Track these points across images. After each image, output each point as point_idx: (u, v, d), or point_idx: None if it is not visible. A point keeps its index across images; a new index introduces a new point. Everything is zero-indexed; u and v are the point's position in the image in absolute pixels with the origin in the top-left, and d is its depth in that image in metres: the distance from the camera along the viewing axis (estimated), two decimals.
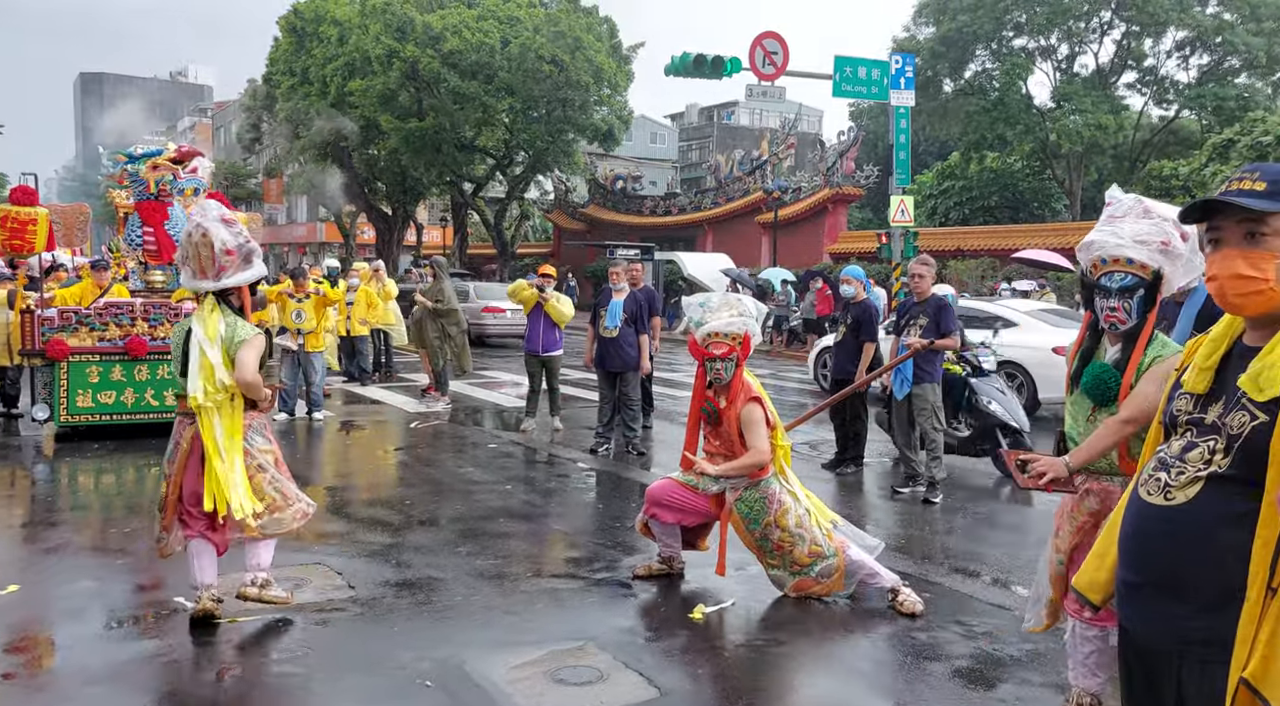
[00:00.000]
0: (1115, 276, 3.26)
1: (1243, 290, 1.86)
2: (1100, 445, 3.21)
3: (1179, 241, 3.22)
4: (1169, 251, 3.22)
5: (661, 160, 60.68)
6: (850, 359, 8.12)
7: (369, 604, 4.85)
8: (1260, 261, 1.84)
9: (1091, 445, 3.22)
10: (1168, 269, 3.22)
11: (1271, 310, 1.85)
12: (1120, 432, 3.17)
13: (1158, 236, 3.21)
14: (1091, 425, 3.35)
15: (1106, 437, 3.20)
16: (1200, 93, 29.42)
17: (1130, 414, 3.16)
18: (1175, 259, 3.21)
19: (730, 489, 5.05)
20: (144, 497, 7.20)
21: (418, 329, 12.05)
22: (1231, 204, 1.86)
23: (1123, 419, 3.17)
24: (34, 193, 9.03)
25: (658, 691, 3.88)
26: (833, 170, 29.38)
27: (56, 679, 4.00)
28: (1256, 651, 1.58)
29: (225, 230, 4.57)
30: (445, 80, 30.78)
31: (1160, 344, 3.28)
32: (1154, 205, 3.25)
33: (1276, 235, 1.83)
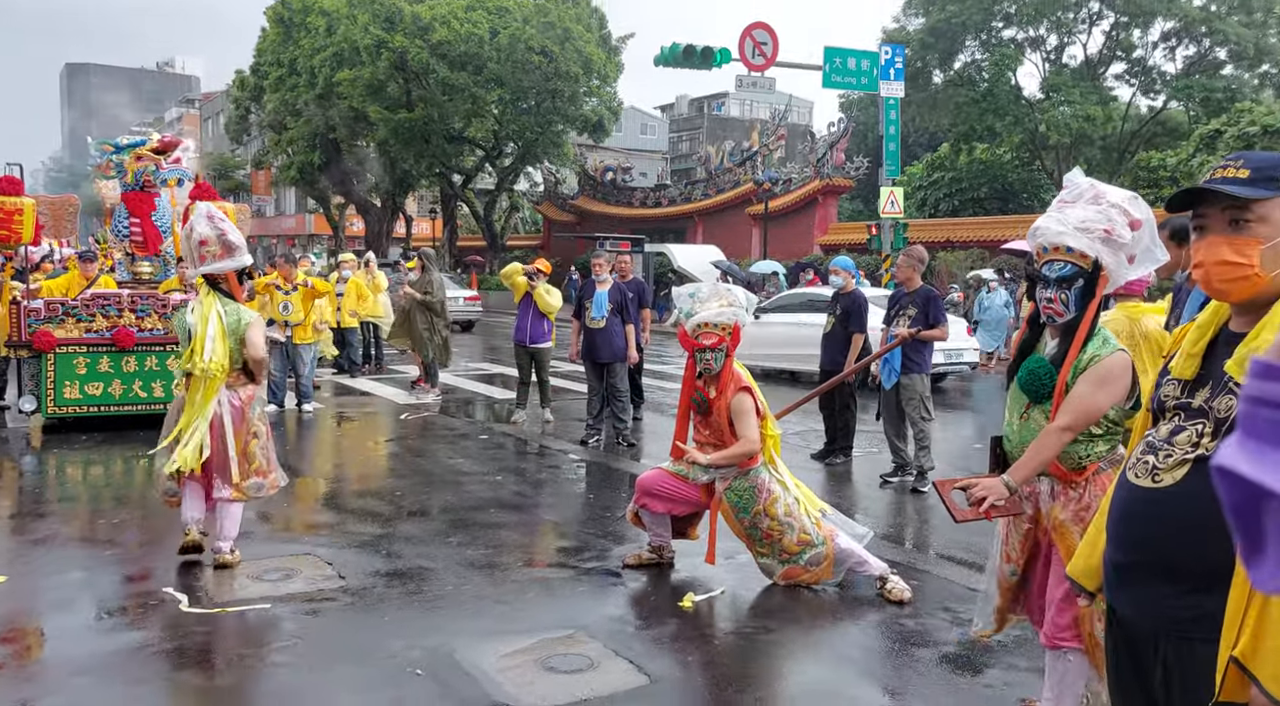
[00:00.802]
0: (1055, 265, 3.02)
1: (1228, 276, 1.88)
2: (1040, 457, 3.02)
3: (1124, 230, 2.96)
4: (1111, 240, 2.95)
5: (651, 151, 60.59)
6: (839, 349, 8.14)
7: (359, 594, 4.86)
8: (1245, 247, 1.85)
9: (1031, 458, 3.03)
10: (1108, 259, 2.97)
11: (1256, 296, 1.87)
12: (1060, 441, 2.99)
13: (1101, 223, 2.96)
14: (1025, 424, 3.14)
15: (1046, 449, 3.00)
16: (1188, 83, 29.51)
17: (1068, 420, 2.98)
18: (1117, 248, 2.97)
19: (720, 478, 5.07)
20: (133, 489, 7.19)
21: (406, 321, 11.95)
22: (1216, 191, 1.88)
23: (1060, 426, 2.99)
24: (19, 183, 8.97)
25: (647, 678, 3.89)
26: (823, 161, 29.38)
27: (45, 669, 4.00)
28: (1245, 630, 1.60)
29: (205, 224, 5.17)
30: (434, 71, 30.66)
31: (1101, 340, 3.05)
32: (1107, 190, 3.03)
33: (1260, 221, 1.85)
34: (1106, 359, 2.98)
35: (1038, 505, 3.16)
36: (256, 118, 39.68)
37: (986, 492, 3.00)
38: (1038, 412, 3.10)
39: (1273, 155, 1.88)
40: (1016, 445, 3.16)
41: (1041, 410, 3.08)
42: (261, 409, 5.36)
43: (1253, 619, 1.60)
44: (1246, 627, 1.60)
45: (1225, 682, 1.66)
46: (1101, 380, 2.97)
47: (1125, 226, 2.95)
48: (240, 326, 5.16)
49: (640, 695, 3.75)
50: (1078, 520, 3.04)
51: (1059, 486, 3.12)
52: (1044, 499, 3.15)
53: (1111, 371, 2.98)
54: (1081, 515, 3.03)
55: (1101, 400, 2.97)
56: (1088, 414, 2.97)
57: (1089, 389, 2.96)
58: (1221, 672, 1.66)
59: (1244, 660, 1.60)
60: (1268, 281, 1.85)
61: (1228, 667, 1.64)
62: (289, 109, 35.12)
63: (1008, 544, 3.32)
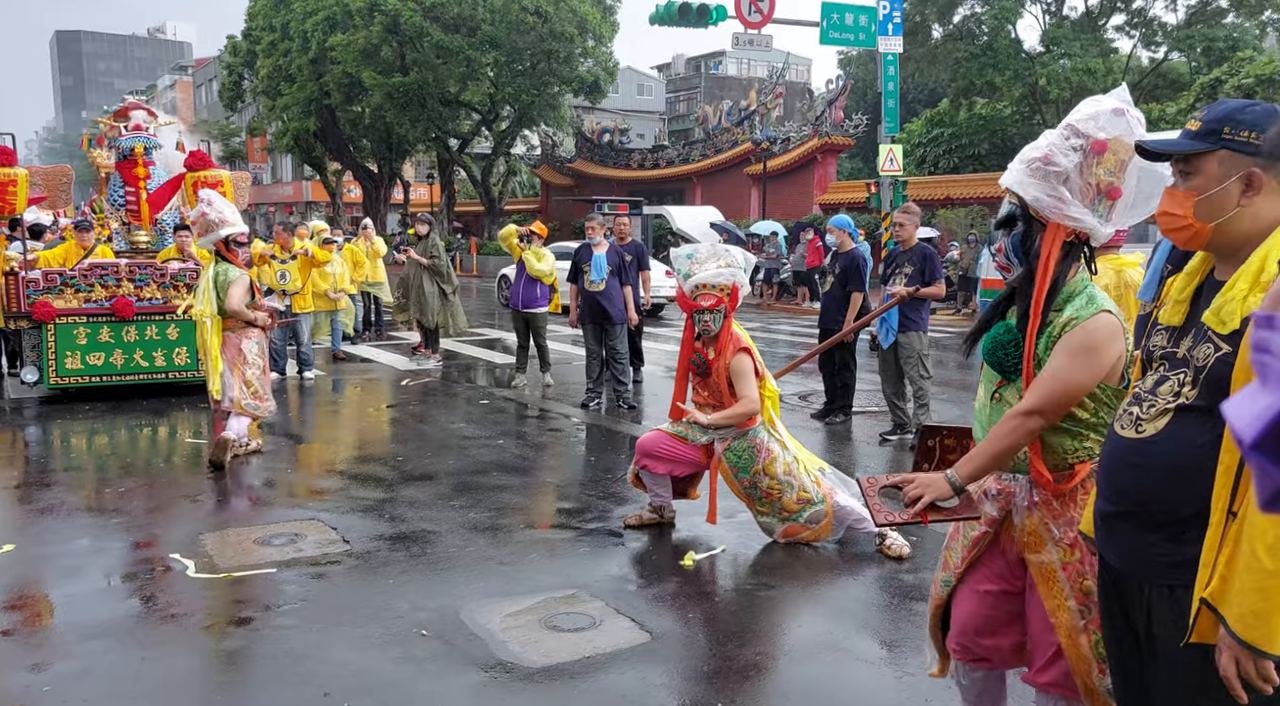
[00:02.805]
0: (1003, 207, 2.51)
1: (1169, 226, 1.96)
2: (998, 449, 2.37)
3: (1065, 156, 2.32)
4: (1044, 170, 2.32)
5: (649, 112, 60.09)
6: (838, 309, 8.15)
7: (364, 557, 4.91)
8: (1182, 199, 1.92)
9: (986, 451, 2.39)
10: (1034, 192, 2.33)
11: (1197, 245, 1.95)
12: (1023, 429, 2.34)
13: (1035, 151, 2.37)
14: (996, 406, 2.50)
15: (1006, 437, 2.36)
16: (1189, 34, 29.18)
17: (1036, 402, 2.32)
18: (1054, 180, 2.31)
19: (719, 439, 5.10)
20: (137, 457, 7.24)
21: (414, 290, 11.80)
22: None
23: (1025, 409, 2.33)
24: (12, 153, 8.93)
25: (649, 635, 3.95)
26: (821, 119, 29.17)
27: (55, 635, 4.06)
28: (1216, 573, 1.64)
29: (197, 206, 6.87)
30: (428, 34, 30.34)
31: (1085, 299, 2.37)
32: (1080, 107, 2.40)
33: (1198, 174, 1.89)
34: (1088, 322, 2.32)
35: (1008, 507, 2.54)
36: (250, 84, 39.32)
37: (923, 490, 2.40)
38: (1011, 393, 2.47)
39: (1228, 106, 1.90)
40: (985, 432, 2.52)
41: (1015, 390, 2.45)
42: (259, 347, 6.92)
43: (1223, 562, 1.64)
44: (1217, 570, 1.65)
45: (1196, 624, 1.70)
46: (1080, 350, 2.31)
47: (1068, 151, 2.31)
48: (224, 283, 6.70)
49: (642, 652, 3.81)
50: (1063, 539, 2.43)
51: (1040, 493, 2.46)
52: (1019, 503, 2.52)
53: (1094, 338, 2.31)
54: (1067, 532, 2.42)
55: (1081, 376, 2.31)
56: (1063, 394, 2.32)
57: (1064, 361, 2.32)
58: (1194, 614, 1.70)
59: (1213, 601, 1.65)
60: (1210, 230, 1.89)
61: (1199, 609, 1.68)
62: (282, 75, 34.80)
63: (948, 549, 2.73)
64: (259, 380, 6.94)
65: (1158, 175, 2.25)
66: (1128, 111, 2.33)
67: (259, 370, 6.94)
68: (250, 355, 6.90)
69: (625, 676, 3.61)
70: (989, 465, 2.41)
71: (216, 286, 6.70)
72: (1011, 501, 2.53)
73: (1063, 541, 2.43)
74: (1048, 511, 2.45)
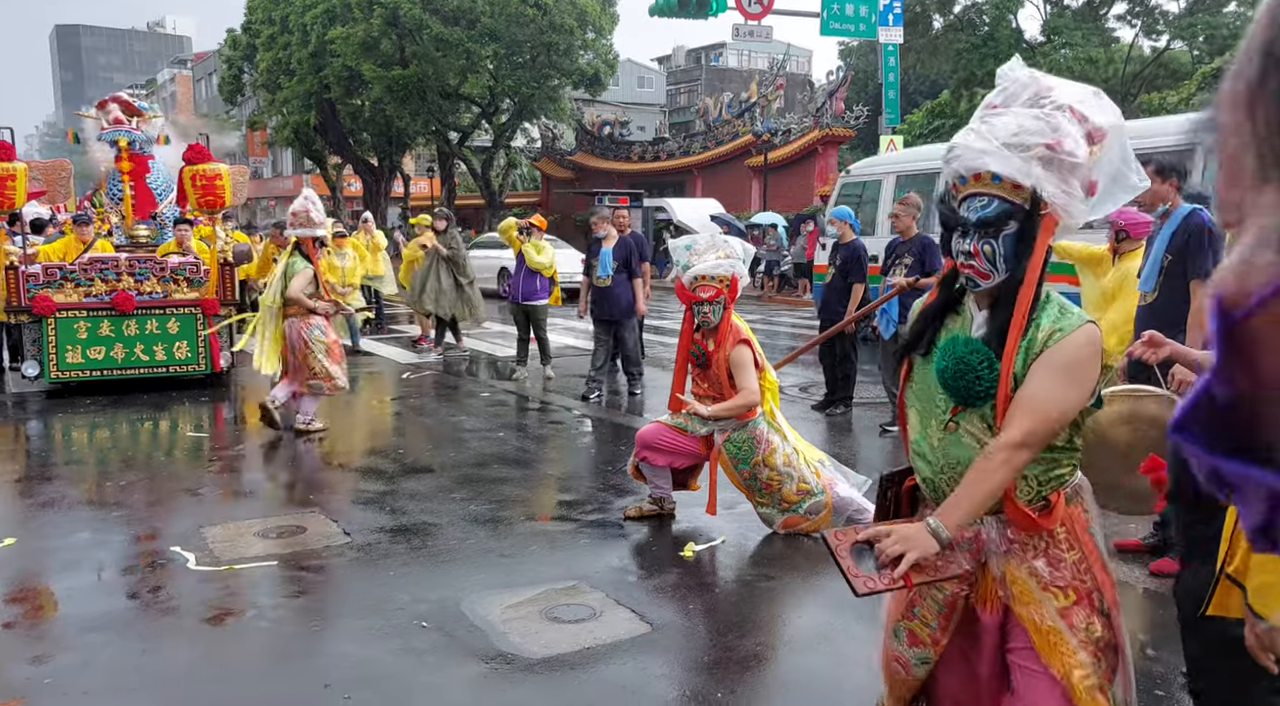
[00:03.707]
0: (975, 202, 2.05)
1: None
2: (985, 490, 2.01)
3: (1077, 143, 1.97)
4: (1056, 159, 1.97)
5: (649, 104, 59.98)
6: (839, 300, 8.14)
7: (365, 549, 4.92)
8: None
9: (971, 493, 2.02)
10: (1052, 188, 1.98)
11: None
12: (1013, 464, 1.99)
13: (1041, 136, 1.97)
14: (952, 437, 2.13)
15: (993, 477, 2.00)
16: (1191, 22, 29.10)
17: (1026, 432, 1.98)
18: (1068, 171, 1.98)
19: (719, 430, 5.10)
20: (139, 451, 7.25)
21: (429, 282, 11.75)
22: None
23: (1013, 441, 1.98)
24: (11, 148, 8.92)
25: (649, 627, 3.96)
26: (822, 111, 29.10)
27: (56, 627, 4.06)
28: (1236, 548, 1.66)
29: (300, 200, 7.56)
30: (427, 27, 30.27)
31: (1058, 309, 2.06)
32: (1055, 84, 2.04)
33: None
34: (1074, 336, 2.01)
35: (980, 556, 2.16)
36: (249, 78, 39.25)
37: (905, 546, 1.99)
38: (972, 420, 2.10)
39: None
40: (940, 470, 2.16)
41: (979, 416, 2.08)
42: (319, 333, 7.43)
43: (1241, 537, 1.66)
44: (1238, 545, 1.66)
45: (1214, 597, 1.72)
46: (1070, 367, 2.00)
47: (1080, 139, 1.98)
48: (291, 273, 7.38)
49: (643, 642, 3.82)
50: (1054, 583, 2.09)
51: (1015, 532, 2.12)
52: (992, 549, 2.14)
53: (1082, 354, 2.02)
54: (1057, 573, 2.10)
55: (1073, 397, 2.02)
56: (1054, 420, 2.01)
57: (1053, 382, 1.99)
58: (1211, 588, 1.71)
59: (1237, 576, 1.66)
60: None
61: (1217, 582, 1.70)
62: (282, 68, 34.74)
63: (913, 614, 2.29)
64: (324, 362, 7.43)
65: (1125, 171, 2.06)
66: (1102, 94, 2.08)
67: (324, 352, 7.44)
68: (313, 341, 7.39)
69: (626, 667, 3.61)
70: (977, 509, 2.04)
71: (285, 276, 7.38)
72: (984, 549, 2.15)
73: (1055, 585, 2.09)
74: (1030, 553, 2.11)
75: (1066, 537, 2.10)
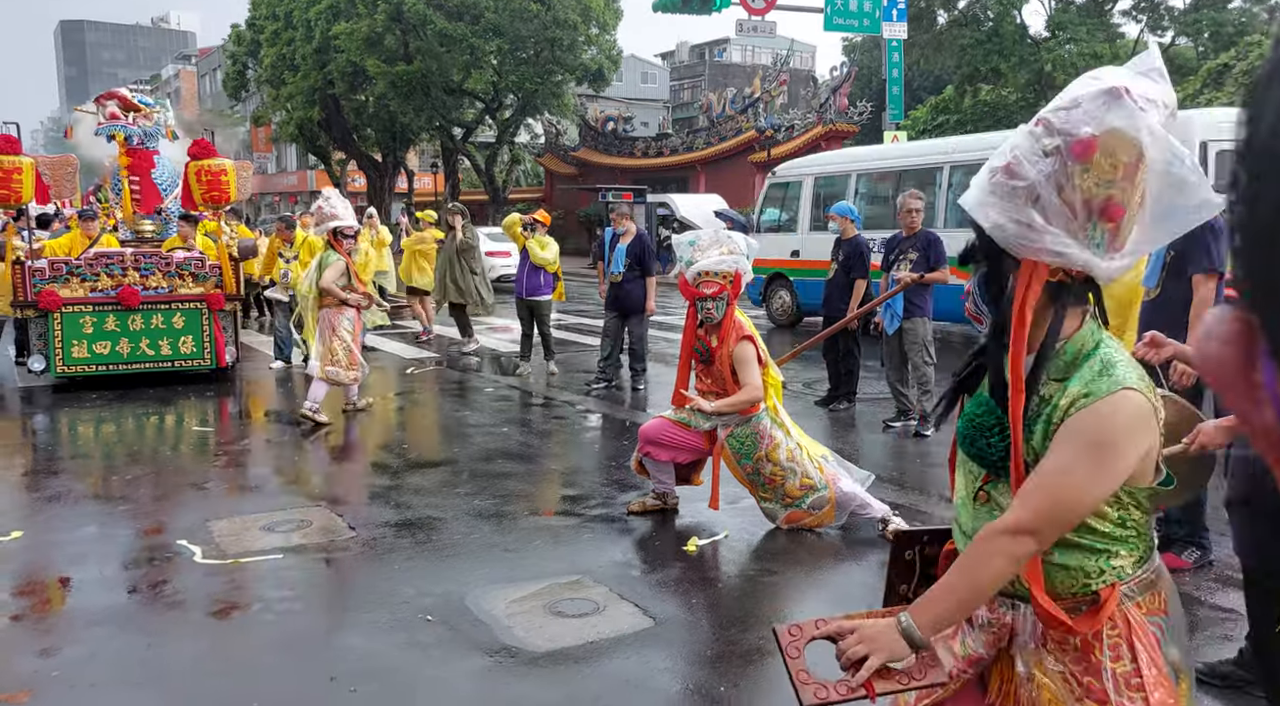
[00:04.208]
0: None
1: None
2: (972, 583, 1.67)
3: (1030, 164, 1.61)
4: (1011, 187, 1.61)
5: (653, 100, 59.92)
6: (841, 296, 8.15)
7: (370, 544, 4.94)
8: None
9: (955, 585, 1.68)
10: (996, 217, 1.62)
11: None
12: (1007, 555, 1.63)
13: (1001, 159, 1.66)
14: (983, 509, 1.78)
15: (983, 565, 1.66)
16: (1197, 18, 29.03)
17: (1027, 518, 1.62)
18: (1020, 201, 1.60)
19: (722, 425, 5.12)
20: (144, 446, 7.28)
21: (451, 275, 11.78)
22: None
23: (1012, 527, 1.62)
24: (17, 142, 8.95)
25: (652, 621, 3.97)
26: (826, 107, 29.07)
27: (63, 620, 4.09)
28: None
29: (317, 200, 8.17)
30: (431, 22, 30.26)
31: (1099, 367, 1.64)
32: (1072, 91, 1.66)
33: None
34: (1103, 404, 1.60)
35: (1001, 645, 1.79)
36: (254, 73, 39.27)
37: (869, 648, 1.67)
38: (1003, 491, 1.74)
39: None
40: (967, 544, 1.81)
41: (1007, 487, 1.73)
42: (350, 322, 7.89)
43: None
44: None
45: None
46: (1093, 444, 1.60)
47: (1037, 157, 1.61)
48: (325, 266, 7.82)
49: (646, 636, 3.84)
50: (1089, 696, 1.68)
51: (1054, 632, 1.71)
52: (1022, 641, 1.76)
53: (1113, 428, 1.60)
54: (1094, 683, 1.68)
55: (1093, 482, 1.61)
56: (1066, 508, 1.62)
57: (1068, 460, 1.61)
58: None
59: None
60: None
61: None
62: (286, 64, 34.75)
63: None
64: (346, 351, 7.87)
65: (1181, 182, 1.59)
66: (1130, 91, 1.57)
67: (348, 342, 7.89)
68: (341, 329, 7.87)
69: (629, 661, 3.63)
70: (961, 608, 1.70)
71: (320, 268, 7.87)
72: (1010, 638, 1.77)
73: (1089, 698, 1.68)
74: (1066, 657, 1.70)
75: (1115, 643, 1.67)
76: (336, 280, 7.78)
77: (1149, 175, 1.59)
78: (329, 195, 8.14)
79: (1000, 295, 1.72)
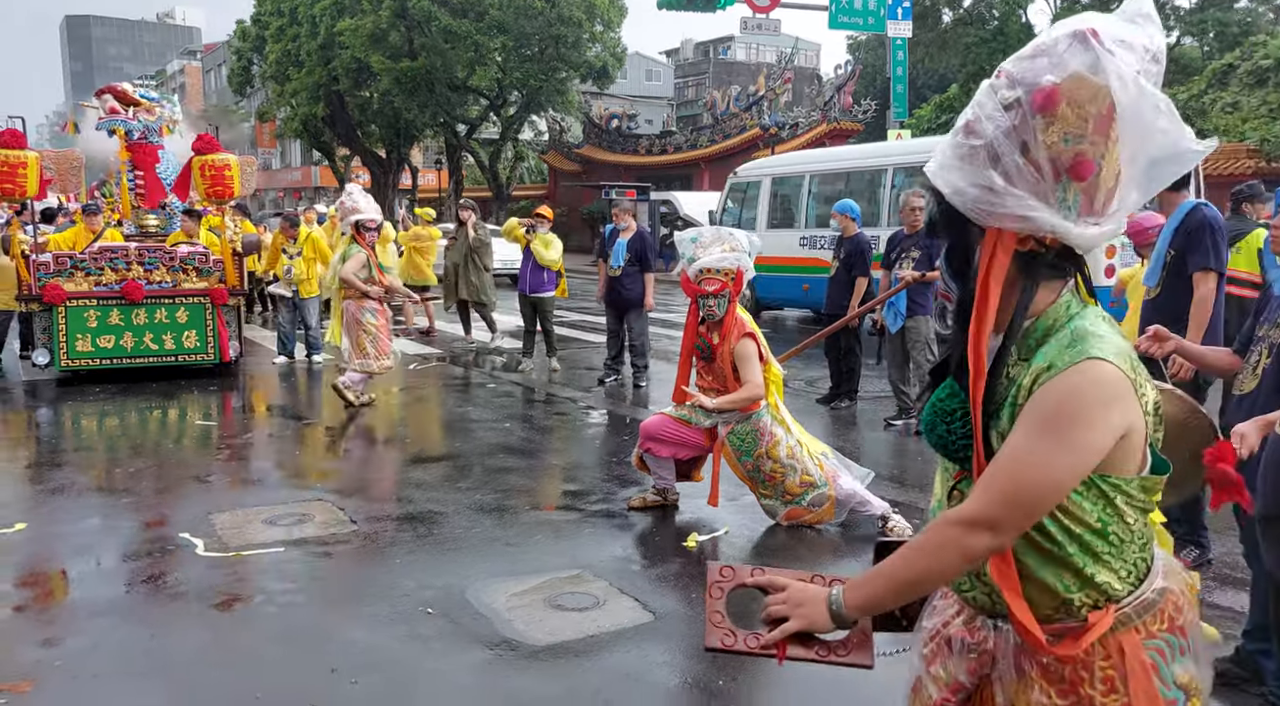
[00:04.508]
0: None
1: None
2: (913, 572, 1.50)
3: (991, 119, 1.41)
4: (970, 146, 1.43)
5: (657, 98, 59.90)
6: (843, 294, 8.15)
7: (371, 537, 4.96)
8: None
9: (895, 571, 1.52)
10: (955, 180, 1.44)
11: None
12: (959, 549, 1.44)
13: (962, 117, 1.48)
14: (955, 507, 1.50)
15: (929, 556, 1.48)
16: (1202, 18, 29.02)
17: (983, 507, 1.42)
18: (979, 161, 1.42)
19: (722, 422, 5.13)
20: (147, 439, 7.31)
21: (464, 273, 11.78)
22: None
23: (967, 517, 1.43)
24: (22, 136, 8.98)
25: (652, 615, 3.99)
26: (830, 105, 29.07)
27: (66, 611, 4.12)
28: None
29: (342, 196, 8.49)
30: (436, 18, 30.30)
31: (1068, 338, 1.43)
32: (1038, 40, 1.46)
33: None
34: (1066, 376, 1.39)
35: (985, 671, 1.58)
36: (259, 69, 39.33)
37: (790, 611, 1.59)
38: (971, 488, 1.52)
39: None
40: None
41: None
42: (374, 315, 8.11)
43: None
44: None
45: None
46: (1053, 420, 1.39)
47: (996, 112, 1.42)
48: (346, 258, 8.07)
49: (645, 631, 3.85)
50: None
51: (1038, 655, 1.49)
52: (1003, 669, 1.55)
53: (1076, 401, 1.39)
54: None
55: (1055, 463, 1.38)
56: (1027, 495, 1.40)
57: (1031, 440, 1.40)
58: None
59: None
60: None
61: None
62: (291, 60, 34.82)
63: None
64: (373, 341, 8.09)
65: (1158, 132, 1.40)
66: (1098, 33, 1.39)
67: (373, 332, 8.10)
68: (365, 322, 8.08)
69: (628, 654, 3.65)
70: (894, 596, 1.54)
71: (343, 260, 8.10)
72: (992, 664, 1.57)
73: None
74: (1053, 688, 1.48)
75: (1108, 676, 1.45)
76: (357, 272, 7.99)
77: (1124, 126, 1.39)
78: (352, 190, 8.40)
79: (966, 268, 1.52)
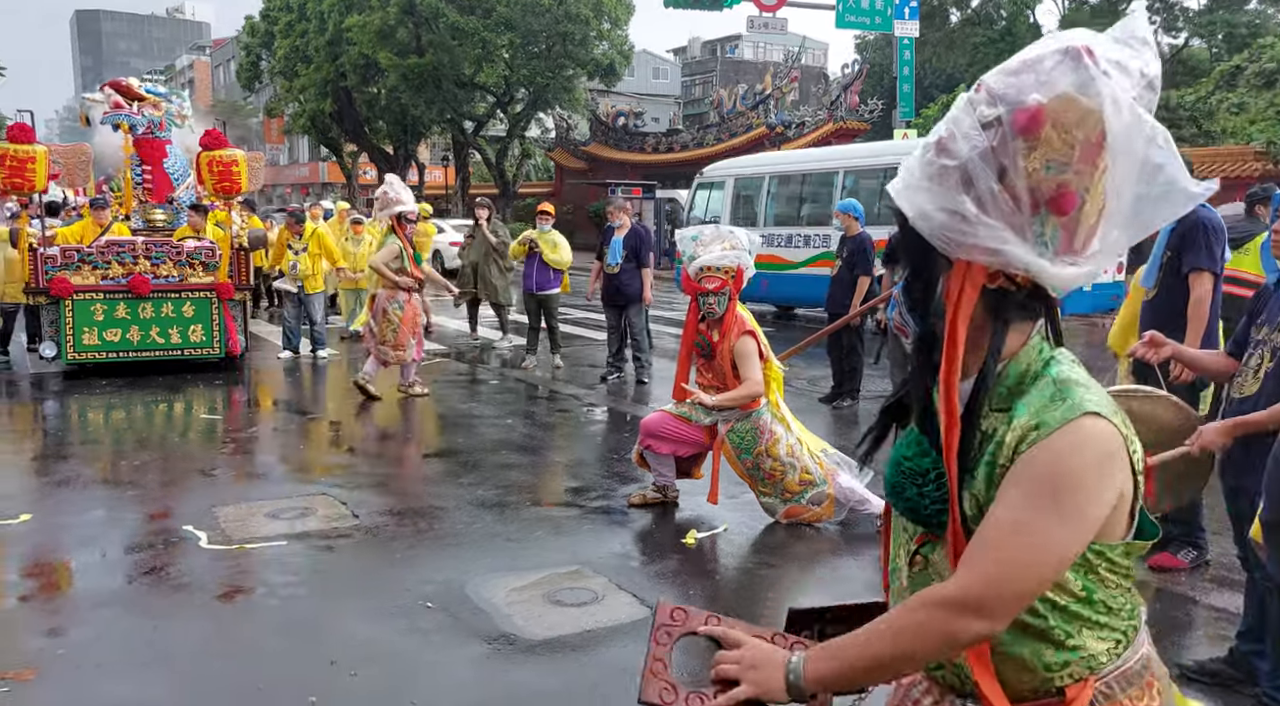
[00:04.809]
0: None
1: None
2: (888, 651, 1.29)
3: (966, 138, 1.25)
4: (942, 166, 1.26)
5: (664, 96, 59.87)
6: (845, 292, 8.18)
7: (373, 531, 5.00)
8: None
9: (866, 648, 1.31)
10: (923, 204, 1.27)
11: None
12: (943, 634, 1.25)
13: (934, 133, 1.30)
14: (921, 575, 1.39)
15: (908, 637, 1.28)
16: (1211, 20, 28.94)
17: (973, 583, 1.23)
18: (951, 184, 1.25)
19: (722, 420, 5.15)
20: (153, 432, 7.35)
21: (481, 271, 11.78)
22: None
23: (950, 599, 1.24)
24: (31, 130, 9.04)
25: (649, 611, 4.01)
26: (837, 104, 29.03)
27: (70, 602, 4.16)
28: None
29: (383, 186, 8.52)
30: (444, 15, 30.33)
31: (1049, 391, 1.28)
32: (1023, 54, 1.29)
33: None
34: (1057, 437, 1.23)
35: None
36: (267, 65, 39.41)
37: (741, 674, 1.38)
38: (942, 554, 1.36)
39: None
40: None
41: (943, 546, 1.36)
42: (399, 305, 8.27)
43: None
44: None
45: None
46: (1050, 489, 1.22)
47: (971, 131, 1.25)
48: (381, 247, 8.37)
49: (643, 626, 3.87)
50: None
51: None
52: None
53: (1075, 468, 1.23)
54: None
55: (1060, 536, 1.22)
56: (1023, 577, 1.23)
57: (1024, 510, 1.22)
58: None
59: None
60: None
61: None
62: (299, 55, 34.89)
63: None
64: (394, 332, 8.28)
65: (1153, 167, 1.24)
66: (1093, 52, 1.24)
67: (396, 324, 8.28)
68: (391, 312, 8.27)
69: (626, 649, 3.67)
70: (862, 674, 1.33)
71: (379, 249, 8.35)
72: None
73: None
74: None
75: None
76: (389, 262, 8.16)
77: (1113, 157, 1.23)
78: (392, 180, 8.51)
79: (927, 302, 1.35)
